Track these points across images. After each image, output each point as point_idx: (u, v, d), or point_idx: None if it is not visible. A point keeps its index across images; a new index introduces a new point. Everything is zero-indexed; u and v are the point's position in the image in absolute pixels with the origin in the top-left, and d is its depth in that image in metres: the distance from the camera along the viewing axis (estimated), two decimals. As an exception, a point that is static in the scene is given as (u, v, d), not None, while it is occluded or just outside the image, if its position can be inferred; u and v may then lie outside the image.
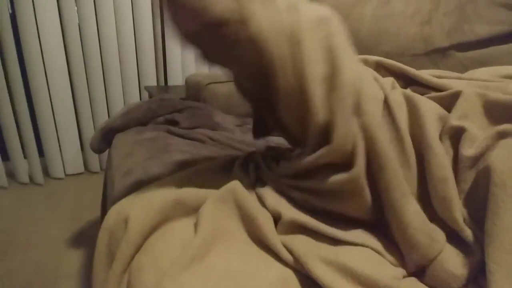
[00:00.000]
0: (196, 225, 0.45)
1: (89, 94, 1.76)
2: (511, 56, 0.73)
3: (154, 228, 0.45)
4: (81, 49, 1.67)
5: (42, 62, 1.59)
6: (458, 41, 0.81)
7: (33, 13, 1.51)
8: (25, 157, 1.70)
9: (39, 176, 1.70)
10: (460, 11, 0.82)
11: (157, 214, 0.45)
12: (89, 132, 1.79)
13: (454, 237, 0.40)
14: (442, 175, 0.41)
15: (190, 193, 0.49)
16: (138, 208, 0.46)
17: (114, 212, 0.48)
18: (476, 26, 0.78)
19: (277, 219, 0.46)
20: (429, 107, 0.48)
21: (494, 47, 0.76)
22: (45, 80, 1.63)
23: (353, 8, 1.03)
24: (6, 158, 1.67)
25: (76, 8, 1.62)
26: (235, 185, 0.48)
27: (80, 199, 1.59)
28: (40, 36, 1.56)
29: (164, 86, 1.87)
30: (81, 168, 1.85)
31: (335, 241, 0.41)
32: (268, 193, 0.49)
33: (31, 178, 1.73)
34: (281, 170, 0.51)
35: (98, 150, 1.00)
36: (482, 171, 0.39)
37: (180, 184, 0.54)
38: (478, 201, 0.39)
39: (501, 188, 0.34)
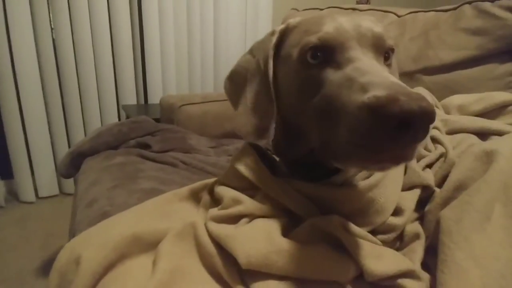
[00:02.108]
0: (154, 264, 0.43)
1: (64, 113, 1.71)
2: (473, 81, 0.76)
3: (108, 268, 0.43)
4: (55, 65, 1.63)
5: (13, 79, 1.54)
6: (424, 66, 0.83)
7: (5, 29, 1.47)
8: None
9: (8, 200, 1.62)
10: (424, 37, 0.85)
11: (111, 252, 0.43)
12: (64, 153, 1.74)
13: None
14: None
15: (149, 228, 0.47)
16: (91, 246, 0.44)
17: (67, 250, 0.45)
18: (440, 51, 0.80)
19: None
20: None
21: (458, 72, 0.78)
22: (17, 98, 1.57)
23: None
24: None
25: (51, 24, 1.59)
26: (195, 220, 0.46)
27: (53, 224, 1.52)
28: (13, 52, 1.51)
29: (143, 105, 1.84)
30: (55, 191, 1.78)
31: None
32: None
33: (0, 203, 1.65)
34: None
35: (67, 175, 0.97)
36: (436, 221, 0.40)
37: (141, 216, 0.52)
38: (434, 251, 0.39)
39: (448, 235, 0.34)
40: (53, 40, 1.61)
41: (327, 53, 0.39)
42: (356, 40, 0.39)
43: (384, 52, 0.41)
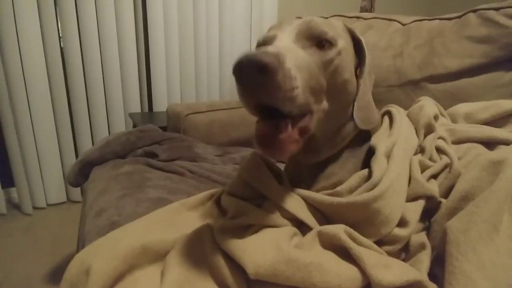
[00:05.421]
0: (162, 274, 0.44)
1: (72, 121, 1.74)
2: (479, 89, 0.76)
3: (118, 279, 0.43)
4: (63, 75, 1.65)
5: (24, 88, 1.57)
6: (429, 74, 0.83)
7: (15, 37, 1.50)
8: (1, 187, 1.65)
9: (18, 207, 1.64)
10: (429, 45, 0.85)
11: (121, 263, 0.44)
12: (72, 161, 1.76)
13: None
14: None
15: (157, 238, 0.48)
16: (101, 257, 0.44)
17: (77, 261, 0.46)
18: (445, 59, 0.81)
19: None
20: None
21: (464, 80, 0.78)
22: (27, 107, 1.60)
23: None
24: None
25: (59, 33, 1.62)
26: (203, 230, 0.47)
27: (61, 231, 1.53)
28: (22, 61, 1.54)
29: (150, 113, 1.86)
30: (63, 198, 1.80)
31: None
32: None
33: (9, 210, 1.67)
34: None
35: (75, 184, 0.98)
36: (443, 232, 0.39)
37: (150, 227, 0.52)
38: (441, 261, 0.39)
39: (455, 246, 0.34)
40: (61, 48, 1.64)
41: (268, 42, 0.48)
42: (290, 31, 0.48)
43: (318, 40, 0.46)
